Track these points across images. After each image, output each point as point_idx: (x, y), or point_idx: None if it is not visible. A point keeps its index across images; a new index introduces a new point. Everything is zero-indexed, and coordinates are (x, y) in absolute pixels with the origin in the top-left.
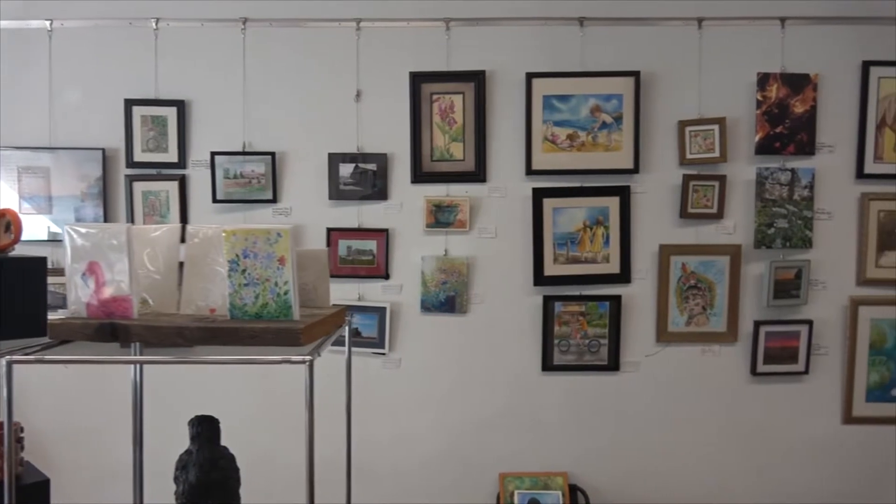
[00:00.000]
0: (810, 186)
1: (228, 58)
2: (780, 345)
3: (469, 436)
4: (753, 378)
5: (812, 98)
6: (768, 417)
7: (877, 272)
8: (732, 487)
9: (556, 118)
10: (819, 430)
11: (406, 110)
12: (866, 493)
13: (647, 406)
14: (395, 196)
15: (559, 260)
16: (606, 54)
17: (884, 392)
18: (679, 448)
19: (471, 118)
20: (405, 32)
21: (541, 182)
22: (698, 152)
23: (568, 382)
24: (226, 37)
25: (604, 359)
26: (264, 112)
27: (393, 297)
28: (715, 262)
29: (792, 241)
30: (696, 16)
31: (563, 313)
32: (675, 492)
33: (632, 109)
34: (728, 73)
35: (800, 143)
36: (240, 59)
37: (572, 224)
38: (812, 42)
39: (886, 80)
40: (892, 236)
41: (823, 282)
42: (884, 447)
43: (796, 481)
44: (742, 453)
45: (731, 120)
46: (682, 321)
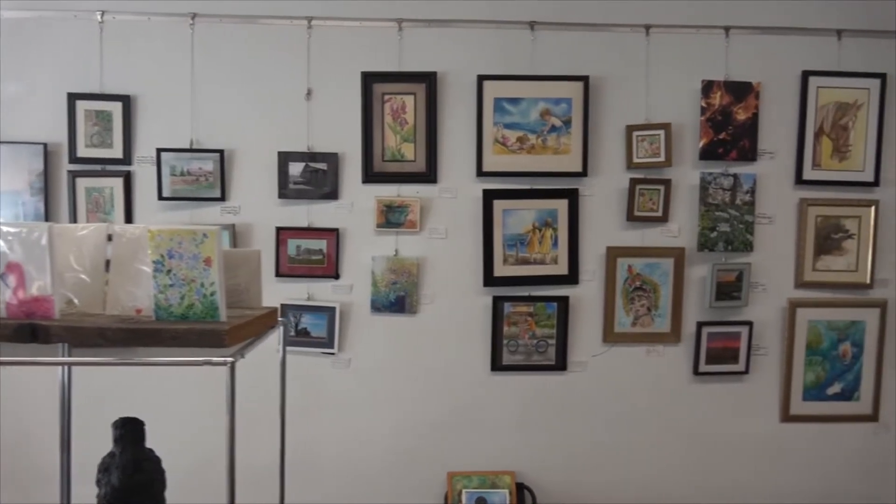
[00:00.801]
0: (752, 192)
1: (176, 53)
2: (722, 345)
3: (418, 435)
4: (696, 378)
5: (754, 106)
6: (710, 416)
7: (814, 275)
8: (675, 484)
9: (506, 121)
10: (758, 428)
11: (357, 110)
12: (803, 489)
13: (594, 405)
14: (345, 196)
15: (509, 261)
16: (556, 58)
17: (820, 391)
18: (624, 446)
19: (422, 119)
20: (357, 32)
21: (491, 184)
22: (645, 157)
23: (516, 382)
24: (174, 32)
25: (551, 359)
26: (213, 109)
27: (343, 296)
28: (660, 264)
29: (734, 244)
30: (644, 23)
31: (513, 314)
32: (620, 489)
33: (580, 113)
34: (674, 80)
35: (742, 150)
36: (188, 55)
37: (522, 225)
38: (755, 51)
39: (825, 90)
40: (828, 241)
41: (763, 284)
42: (820, 444)
43: (736, 478)
44: (684, 451)
45: (676, 125)
46: (628, 322)
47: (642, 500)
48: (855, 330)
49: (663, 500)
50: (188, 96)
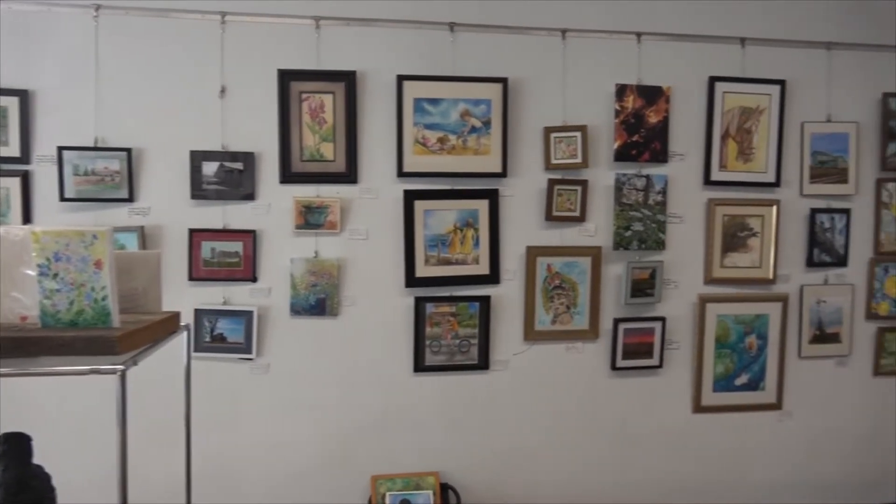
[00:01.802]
0: (663, 192)
1: (79, 46)
2: (637, 341)
3: (341, 439)
4: (613, 373)
5: (665, 109)
6: (627, 410)
7: (722, 272)
8: (595, 476)
9: (426, 121)
10: (672, 419)
11: (274, 108)
12: (714, 476)
13: (516, 403)
14: (262, 196)
15: (430, 261)
16: (476, 60)
17: (728, 382)
18: (545, 442)
19: (342, 118)
20: (273, 29)
21: (412, 184)
22: (562, 158)
23: (440, 383)
24: (76, 23)
25: (474, 358)
26: (119, 106)
27: (261, 300)
28: (578, 263)
29: (647, 243)
30: (561, 27)
31: (435, 314)
32: (543, 484)
33: (500, 115)
34: (590, 83)
35: (654, 151)
36: (92, 49)
37: (443, 226)
38: (665, 57)
39: (730, 95)
40: (734, 238)
41: (675, 281)
42: (729, 433)
43: (653, 468)
44: (603, 444)
45: (592, 127)
46: (548, 320)
47: (564, 493)
48: (760, 323)
49: (584, 491)
50: (92, 92)
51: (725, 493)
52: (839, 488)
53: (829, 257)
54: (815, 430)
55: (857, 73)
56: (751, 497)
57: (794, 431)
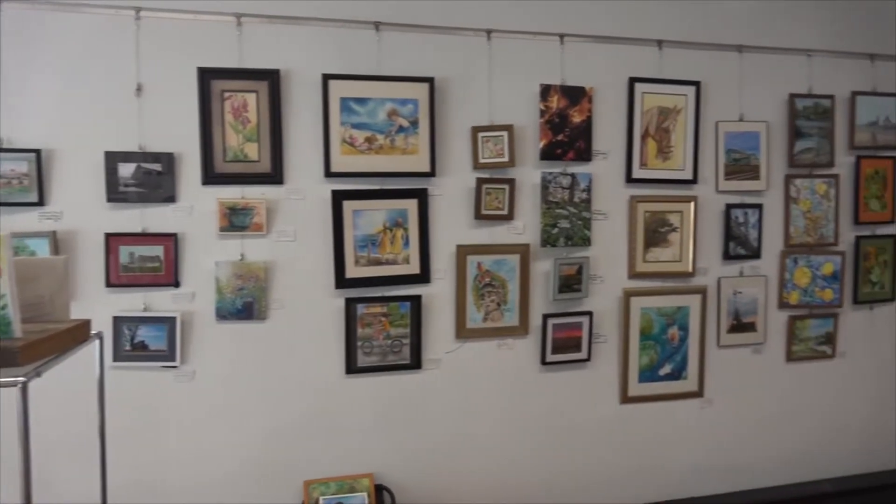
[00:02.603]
0: (588, 190)
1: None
2: (566, 335)
3: (272, 445)
4: (544, 367)
5: (588, 109)
6: (557, 403)
7: (644, 266)
8: (529, 469)
9: (353, 120)
10: (601, 410)
11: (194, 108)
12: (641, 462)
13: (449, 401)
14: (184, 198)
15: (360, 262)
16: (402, 59)
17: (653, 373)
18: (479, 438)
19: (266, 118)
20: (192, 26)
21: (340, 184)
22: (490, 157)
23: (372, 384)
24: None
25: (406, 358)
26: (26, 104)
27: (184, 305)
28: (507, 260)
29: (573, 239)
30: (486, 27)
31: (366, 315)
32: (478, 480)
33: (427, 114)
34: (515, 83)
35: (578, 150)
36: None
37: (372, 226)
38: (587, 58)
39: (649, 96)
40: (656, 234)
41: (601, 276)
42: (654, 421)
43: (582, 458)
44: (535, 437)
45: (518, 127)
46: (479, 317)
47: (498, 486)
48: (681, 315)
49: (517, 483)
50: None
51: (652, 479)
52: (758, 469)
53: (744, 250)
54: (734, 415)
55: (767, 74)
56: (676, 481)
57: (714, 417)
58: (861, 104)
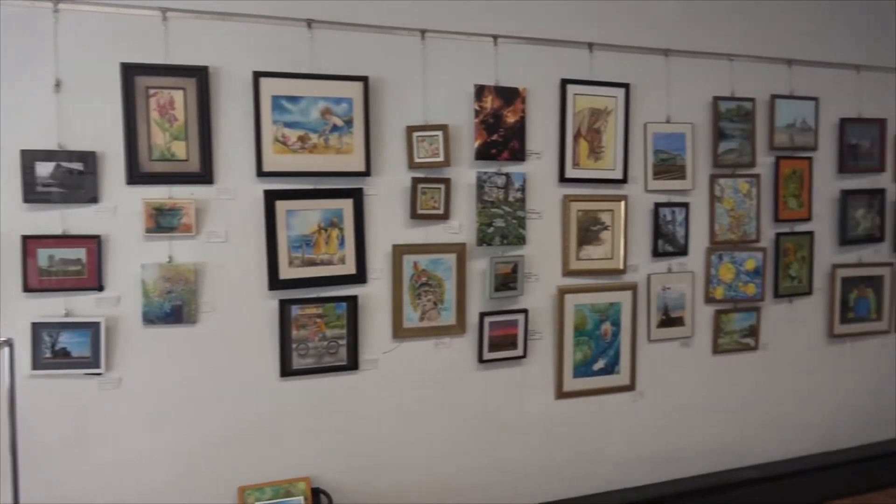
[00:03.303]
0: (522, 189)
1: None
2: (502, 333)
3: (205, 453)
4: (481, 365)
5: (521, 110)
6: (494, 400)
7: (578, 264)
8: (466, 466)
9: (286, 119)
10: (537, 406)
11: (118, 105)
12: (577, 456)
13: (386, 401)
14: (107, 199)
15: (295, 263)
16: (336, 58)
17: (587, 368)
18: (417, 437)
19: (194, 116)
20: (115, 20)
21: (273, 184)
22: (425, 157)
23: (308, 386)
24: None
25: (343, 359)
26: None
27: (109, 310)
28: (443, 259)
29: (509, 238)
30: (420, 27)
31: (301, 316)
32: (416, 479)
33: (362, 113)
34: (450, 83)
35: (513, 150)
36: None
37: (307, 226)
38: (520, 59)
39: (580, 97)
40: (588, 232)
41: (536, 274)
42: (589, 415)
43: (520, 454)
44: (473, 435)
45: (453, 127)
46: (416, 317)
47: (436, 485)
48: (613, 311)
49: (456, 481)
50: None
51: (587, 471)
52: (687, 458)
53: (672, 247)
54: (665, 406)
55: (692, 77)
56: (610, 472)
57: (646, 409)
58: (780, 107)
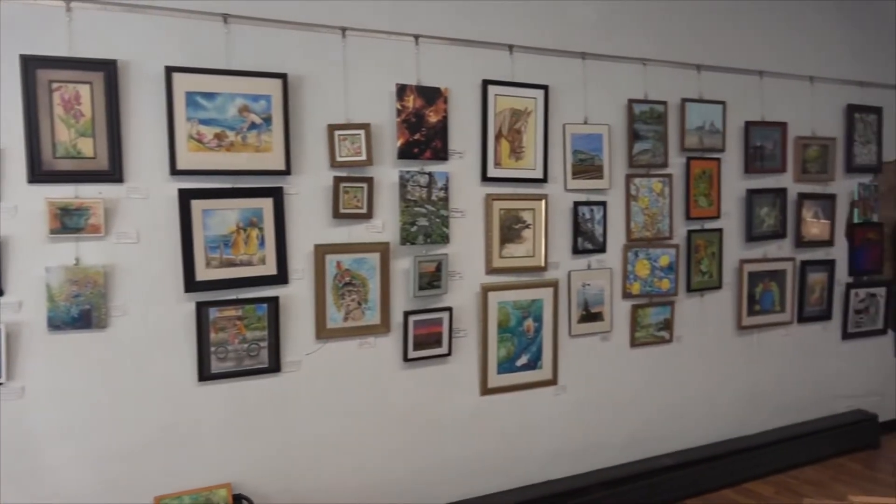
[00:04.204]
0: (445, 188)
1: None
2: (427, 331)
3: (118, 463)
4: (406, 364)
5: (444, 109)
6: (420, 398)
7: (501, 262)
8: (392, 466)
9: (201, 116)
10: (462, 403)
11: (17, 99)
12: (502, 451)
13: (310, 403)
14: (7, 198)
15: (212, 264)
16: (254, 54)
17: (510, 364)
18: (342, 438)
19: (102, 111)
20: (14, 9)
21: (188, 182)
22: (347, 155)
23: (228, 390)
24: None
25: (264, 361)
26: None
27: (10, 316)
28: (367, 259)
29: (432, 237)
30: (340, 25)
31: (220, 319)
32: (342, 481)
33: (281, 111)
34: (371, 82)
35: (435, 150)
36: None
37: (225, 226)
38: (442, 59)
39: (501, 98)
40: (511, 231)
41: (460, 272)
42: (514, 411)
43: (446, 451)
44: (399, 434)
45: (375, 126)
46: (340, 317)
47: (365, 488)
48: (535, 307)
49: (382, 482)
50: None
51: (512, 466)
52: (608, 449)
53: (591, 245)
54: (586, 399)
55: (608, 80)
56: (535, 466)
57: (568, 403)
58: (690, 110)
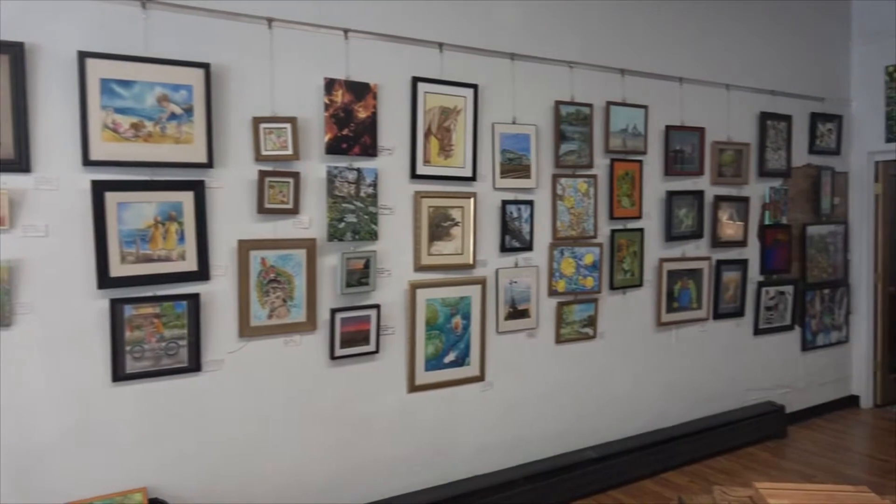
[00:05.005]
0: (374, 185)
1: None
2: (354, 329)
3: (28, 467)
4: (332, 362)
5: (373, 105)
6: (347, 396)
7: (429, 259)
8: (318, 466)
9: (117, 104)
10: (390, 401)
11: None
12: (430, 447)
13: (233, 402)
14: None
15: (128, 259)
16: (174, 42)
17: (438, 361)
18: (266, 438)
19: (7, 97)
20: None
21: (102, 174)
22: (273, 149)
23: (145, 390)
24: None
25: (184, 360)
26: None
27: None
28: (293, 255)
29: (360, 234)
30: (266, 15)
31: (136, 317)
32: (269, 483)
33: (203, 102)
34: (299, 75)
35: (364, 146)
36: None
37: (142, 220)
38: (372, 54)
39: (431, 95)
40: (439, 228)
41: (388, 269)
42: (441, 407)
43: (374, 449)
44: (327, 433)
45: (302, 120)
46: (264, 314)
47: (292, 488)
48: (463, 305)
49: (307, 482)
50: None
51: (440, 462)
52: (535, 443)
53: (518, 243)
54: (513, 395)
55: (536, 81)
56: (462, 461)
57: (495, 399)
58: (614, 113)
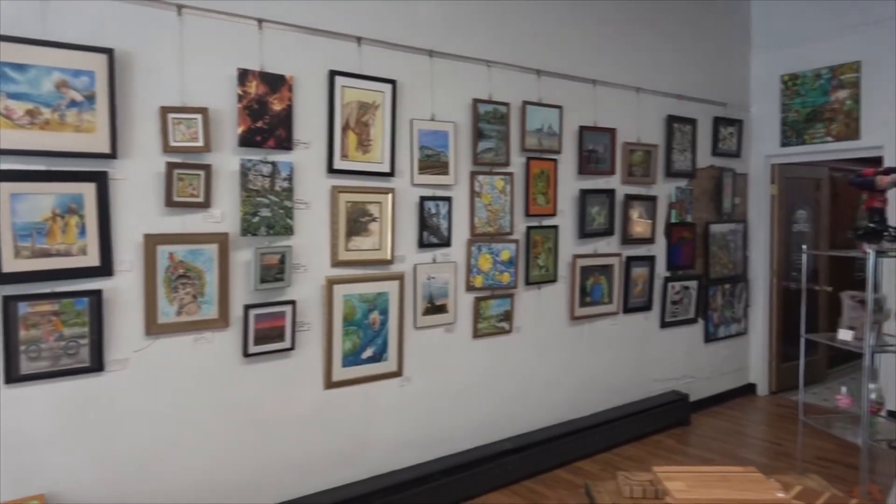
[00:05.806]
0: (290, 179)
1: None
2: (269, 325)
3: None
4: (246, 359)
5: (288, 98)
6: (261, 394)
7: (347, 255)
8: (231, 466)
9: (11, 90)
10: (306, 398)
11: None
12: (347, 443)
13: (140, 403)
14: None
15: (23, 254)
16: (76, 25)
17: (356, 357)
18: (175, 439)
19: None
20: None
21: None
22: (182, 140)
23: (42, 392)
24: None
25: (85, 360)
26: None
27: None
28: (204, 250)
29: (275, 228)
30: (176, 2)
31: (31, 314)
32: (180, 485)
33: (106, 89)
34: (210, 65)
35: (279, 139)
36: None
37: (38, 213)
38: (288, 46)
39: (348, 90)
40: (357, 224)
41: (305, 265)
42: (358, 403)
43: (291, 447)
44: (238, 433)
45: (214, 111)
46: (173, 311)
47: (205, 490)
48: (381, 300)
49: (220, 483)
50: None
51: (359, 459)
52: (454, 436)
53: (436, 239)
54: (431, 390)
55: (454, 79)
56: (381, 457)
57: (413, 394)
58: (530, 113)
